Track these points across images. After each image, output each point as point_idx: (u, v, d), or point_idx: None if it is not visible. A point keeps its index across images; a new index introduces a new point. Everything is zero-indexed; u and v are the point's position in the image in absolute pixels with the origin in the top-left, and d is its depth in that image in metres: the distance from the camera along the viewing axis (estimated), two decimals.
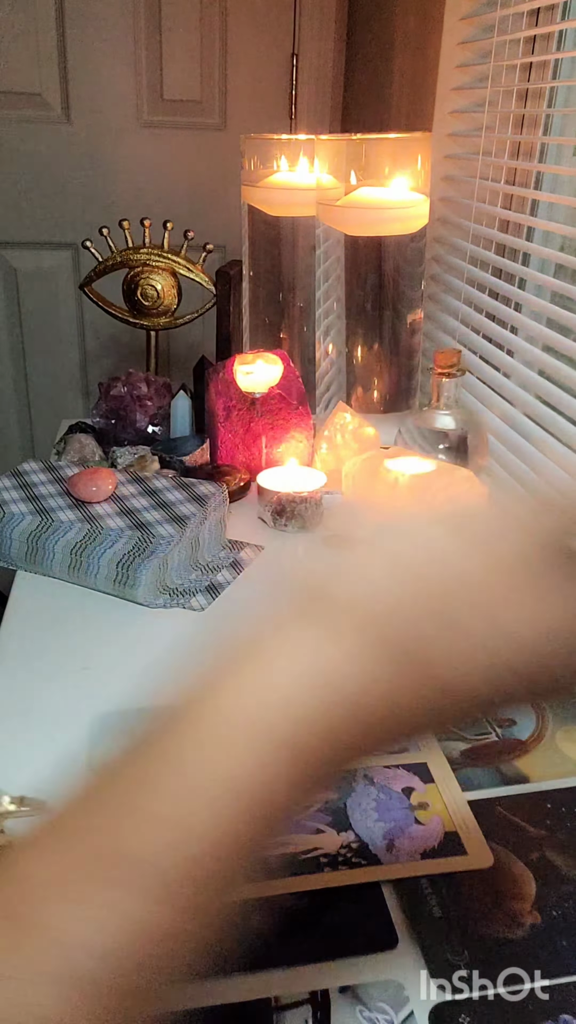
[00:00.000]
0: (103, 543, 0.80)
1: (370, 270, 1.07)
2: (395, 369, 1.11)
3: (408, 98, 1.38)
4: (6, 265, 1.80)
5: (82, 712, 0.65)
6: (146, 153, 1.76)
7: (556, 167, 1.08)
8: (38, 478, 0.92)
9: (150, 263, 1.22)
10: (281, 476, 1.00)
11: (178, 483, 0.91)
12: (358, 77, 1.68)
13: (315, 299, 1.13)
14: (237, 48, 1.72)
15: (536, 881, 0.50)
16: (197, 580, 0.84)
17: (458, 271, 1.23)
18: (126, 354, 1.87)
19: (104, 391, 1.13)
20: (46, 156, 1.72)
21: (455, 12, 1.18)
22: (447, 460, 1.00)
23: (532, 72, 1.12)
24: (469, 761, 0.60)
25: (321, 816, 0.55)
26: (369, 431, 1.04)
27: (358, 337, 1.10)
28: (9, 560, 0.85)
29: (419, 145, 1.03)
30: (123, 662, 0.71)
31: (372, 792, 0.57)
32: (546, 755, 0.61)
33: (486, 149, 1.16)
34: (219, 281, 1.25)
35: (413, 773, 0.59)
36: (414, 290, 1.09)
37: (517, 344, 1.06)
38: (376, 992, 0.44)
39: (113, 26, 1.65)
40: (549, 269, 1.10)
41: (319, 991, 0.44)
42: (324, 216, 1.07)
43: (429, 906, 0.49)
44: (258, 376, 1.05)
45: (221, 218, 1.74)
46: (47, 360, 1.89)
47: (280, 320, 1.22)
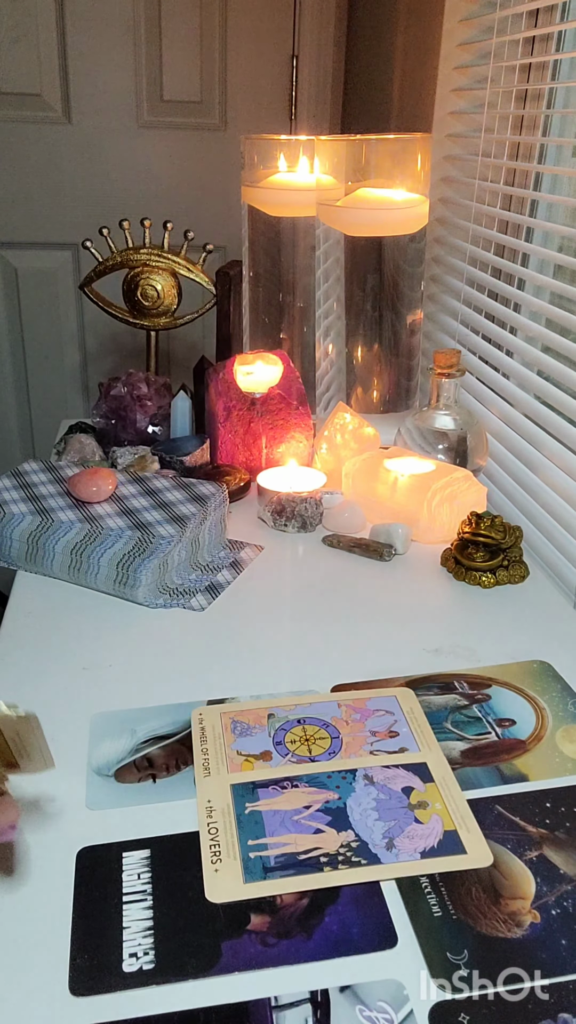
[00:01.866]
0: (103, 543, 0.80)
1: (370, 271, 1.07)
2: (395, 369, 1.12)
3: (408, 99, 1.38)
4: (6, 265, 1.80)
5: (82, 712, 0.65)
6: (146, 153, 1.76)
7: (555, 168, 1.09)
8: (38, 478, 0.92)
9: (150, 263, 1.22)
10: (281, 476, 1.00)
11: (178, 483, 0.91)
12: (358, 77, 1.68)
13: (315, 299, 1.13)
14: (237, 48, 1.72)
15: (536, 880, 0.51)
16: (197, 580, 0.84)
17: (458, 272, 1.23)
18: (126, 354, 1.87)
19: (104, 391, 1.13)
20: (46, 156, 1.72)
21: (454, 14, 1.19)
22: (446, 460, 1.00)
23: (531, 73, 1.12)
24: (469, 760, 0.60)
25: (321, 816, 0.55)
26: (369, 431, 1.04)
27: (358, 337, 1.10)
28: (9, 560, 0.85)
29: (419, 146, 1.03)
30: (123, 662, 0.71)
31: (372, 792, 0.57)
32: (546, 755, 0.61)
33: (485, 150, 1.16)
34: (219, 281, 1.25)
35: (413, 772, 0.59)
36: (414, 290, 1.09)
37: (516, 344, 1.06)
38: (376, 991, 0.44)
39: (113, 26, 1.65)
40: (548, 270, 1.11)
41: (319, 991, 0.44)
42: (324, 216, 1.07)
43: (429, 906, 0.49)
44: (258, 376, 1.05)
45: (221, 218, 1.74)
46: (47, 360, 1.89)
47: (280, 320, 1.23)
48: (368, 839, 0.53)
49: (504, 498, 1.04)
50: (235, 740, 0.62)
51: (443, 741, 0.62)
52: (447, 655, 0.73)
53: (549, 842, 0.53)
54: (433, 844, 0.53)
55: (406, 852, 0.52)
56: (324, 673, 0.70)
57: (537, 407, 0.99)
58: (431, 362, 1.02)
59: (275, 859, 0.52)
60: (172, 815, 0.55)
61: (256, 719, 0.64)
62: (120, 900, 0.49)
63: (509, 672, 0.70)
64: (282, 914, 0.48)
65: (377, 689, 0.68)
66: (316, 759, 0.60)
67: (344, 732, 0.63)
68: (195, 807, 0.56)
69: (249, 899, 0.49)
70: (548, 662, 0.72)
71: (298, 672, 0.70)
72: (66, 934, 0.47)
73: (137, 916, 0.48)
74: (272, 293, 1.21)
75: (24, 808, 0.54)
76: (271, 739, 0.62)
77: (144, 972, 0.45)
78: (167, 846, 0.53)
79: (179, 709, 0.65)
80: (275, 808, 0.56)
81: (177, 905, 0.49)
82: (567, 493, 0.91)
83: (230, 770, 0.59)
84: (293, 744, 0.61)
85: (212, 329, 1.32)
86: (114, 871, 0.51)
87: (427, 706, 0.66)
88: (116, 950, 0.46)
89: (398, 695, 0.67)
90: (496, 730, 0.64)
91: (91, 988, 0.44)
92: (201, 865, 0.51)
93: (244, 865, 0.51)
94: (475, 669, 0.71)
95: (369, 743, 0.62)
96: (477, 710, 0.66)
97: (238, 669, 0.71)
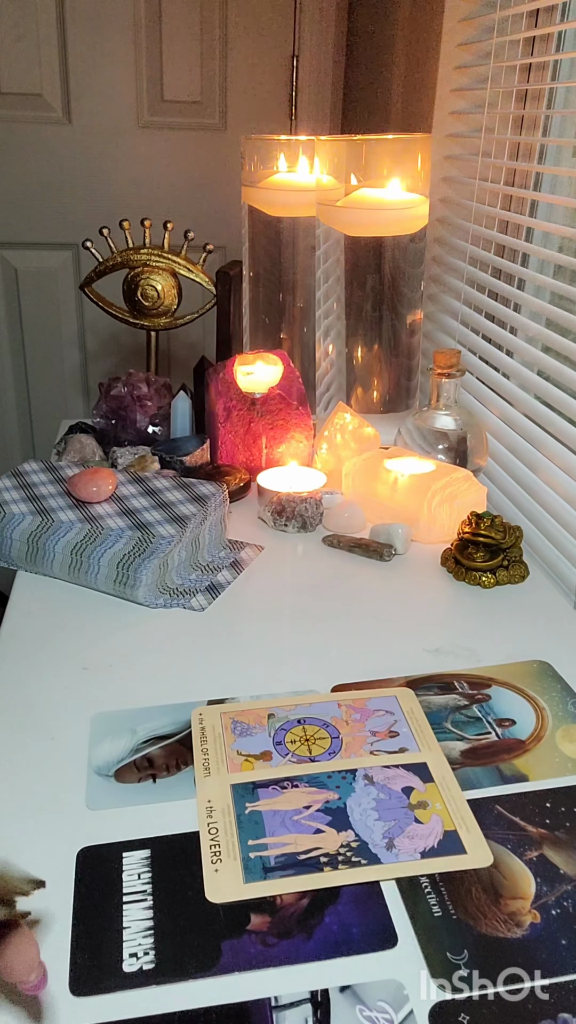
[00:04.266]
0: (103, 543, 0.80)
1: (370, 271, 1.07)
2: (395, 369, 1.12)
3: (408, 99, 1.38)
4: (6, 265, 1.80)
5: (82, 712, 0.65)
6: (146, 153, 1.76)
7: (555, 168, 1.09)
8: (38, 478, 0.92)
9: (150, 263, 1.22)
10: (281, 476, 1.00)
11: (178, 483, 0.91)
12: (358, 77, 1.68)
13: (315, 299, 1.13)
14: (237, 48, 1.72)
15: (536, 880, 0.51)
16: (197, 580, 0.84)
17: (458, 272, 1.23)
18: (126, 354, 1.87)
19: (104, 391, 1.13)
20: (46, 156, 1.72)
21: (455, 13, 1.19)
22: (446, 460, 1.00)
23: (531, 73, 1.12)
24: (469, 760, 0.60)
25: (321, 816, 0.55)
26: (369, 431, 1.04)
27: (358, 337, 1.10)
28: (9, 560, 0.85)
29: (419, 146, 1.03)
30: (123, 662, 0.71)
31: (372, 792, 0.57)
32: (546, 755, 0.61)
33: (485, 150, 1.16)
34: (219, 281, 1.25)
35: (413, 772, 0.59)
36: (414, 291, 1.09)
37: (516, 344, 1.06)
38: (376, 991, 0.44)
39: (113, 26, 1.66)
40: (548, 270, 1.11)
41: (319, 991, 0.44)
42: (324, 216, 1.07)
43: (429, 905, 0.49)
44: (258, 376, 1.05)
45: (221, 218, 1.74)
46: (47, 360, 1.89)
47: (280, 320, 1.23)
48: (368, 839, 0.53)
49: (504, 498, 1.04)
50: (235, 740, 0.62)
51: (443, 741, 0.62)
52: (447, 655, 0.73)
53: (549, 842, 0.53)
54: (433, 844, 0.53)
55: (406, 852, 0.52)
56: (324, 673, 0.70)
57: (537, 407, 0.99)
58: (431, 362, 1.02)
59: (275, 859, 0.52)
60: (172, 815, 0.55)
61: (256, 719, 0.64)
62: (120, 900, 0.49)
63: (509, 672, 0.71)
64: (282, 914, 0.48)
65: (377, 689, 0.68)
66: (316, 759, 0.60)
67: (344, 732, 0.63)
68: (195, 807, 0.56)
69: (249, 899, 0.49)
70: (548, 662, 0.72)
71: (298, 672, 0.70)
72: (66, 934, 0.47)
73: (137, 916, 0.48)
74: (272, 293, 1.21)
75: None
76: (271, 739, 0.62)
77: (144, 972, 0.45)
78: (167, 846, 0.53)
79: (179, 709, 0.65)
80: (275, 808, 0.56)
81: (177, 905, 0.49)
82: (567, 493, 0.91)
83: (230, 770, 0.59)
84: (293, 744, 0.62)
85: (212, 329, 1.32)
86: (114, 871, 0.51)
87: (427, 706, 0.66)
88: (116, 950, 0.46)
89: (398, 695, 0.67)
90: (496, 730, 0.64)
91: (91, 988, 0.44)
92: (201, 865, 0.51)
93: (244, 865, 0.51)
94: (475, 669, 0.71)
95: (369, 743, 0.62)
96: (477, 710, 0.66)
97: (238, 669, 0.71)
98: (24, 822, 0.54)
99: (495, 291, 1.13)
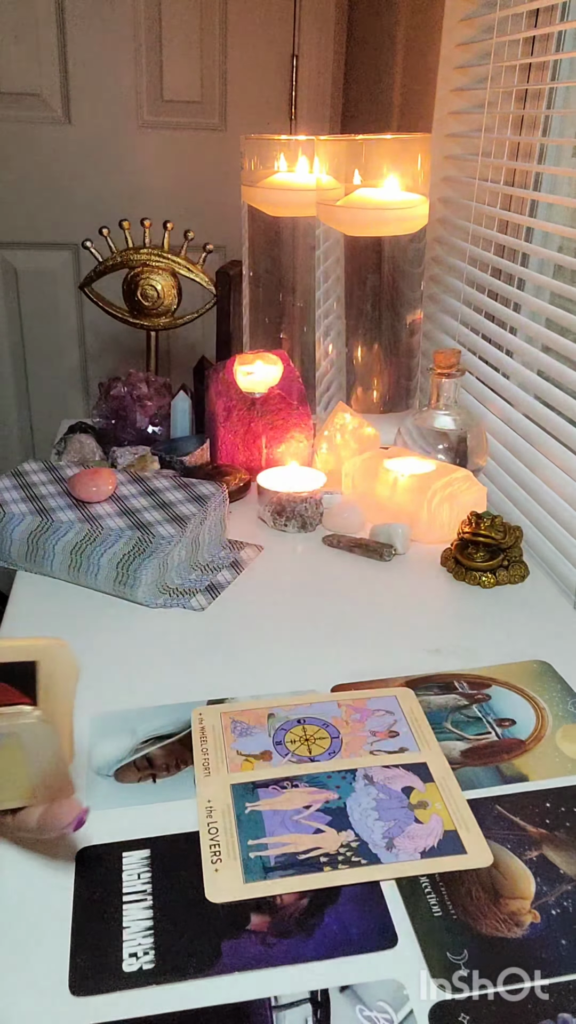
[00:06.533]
0: (103, 543, 0.80)
1: (370, 270, 1.07)
2: (395, 369, 1.12)
3: (408, 99, 1.38)
4: (6, 265, 1.80)
5: (82, 712, 0.65)
6: (146, 153, 1.76)
7: (555, 168, 1.09)
8: (38, 478, 0.92)
9: (150, 263, 1.22)
10: (281, 476, 1.00)
11: (178, 483, 0.91)
12: (358, 77, 1.68)
13: (315, 299, 1.13)
14: (237, 48, 1.72)
15: (535, 880, 0.51)
16: (197, 580, 0.84)
17: (457, 272, 1.23)
18: (126, 354, 1.87)
19: (104, 391, 1.13)
20: (46, 156, 1.72)
21: (454, 13, 1.19)
22: (446, 460, 1.00)
23: (531, 73, 1.12)
24: (469, 760, 0.60)
25: (321, 816, 0.55)
26: (369, 431, 1.04)
27: (358, 337, 1.10)
28: (9, 560, 0.85)
29: (419, 146, 1.03)
30: (123, 662, 0.71)
31: (372, 791, 0.57)
32: (546, 754, 0.61)
33: (485, 150, 1.16)
34: (219, 281, 1.25)
35: (413, 772, 0.59)
36: (414, 290, 1.09)
37: (516, 344, 1.06)
38: (376, 991, 0.44)
39: (113, 26, 1.65)
40: (548, 270, 1.10)
41: (319, 991, 0.44)
42: (324, 216, 1.07)
43: (429, 905, 0.49)
44: (258, 376, 1.05)
45: (221, 218, 1.74)
46: (47, 360, 1.89)
47: (280, 320, 1.23)
48: (368, 839, 0.53)
49: (504, 498, 1.04)
50: (235, 740, 0.62)
51: (443, 741, 0.62)
52: (447, 655, 0.73)
53: (549, 842, 0.53)
54: (433, 844, 0.53)
55: (406, 852, 0.52)
56: (324, 673, 0.70)
57: (537, 407, 0.99)
58: (431, 362, 1.02)
59: (275, 859, 0.52)
60: (172, 815, 0.55)
61: (256, 719, 0.64)
62: (120, 900, 0.49)
63: (509, 672, 0.71)
64: (282, 914, 0.48)
65: (377, 689, 0.68)
66: (316, 759, 0.60)
67: (344, 732, 0.63)
68: (195, 807, 0.56)
69: (249, 899, 0.49)
70: (548, 662, 0.72)
71: (298, 672, 0.70)
72: (66, 934, 0.47)
73: (137, 916, 0.48)
74: (272, 293, 1.21)
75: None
76: (271, 739, 0.62)
77: (144, 972, 0.45)
78: (167, 846, 0.53)
79: (179, 709, 0.65)
80: (275, 808, 0.56)
81: (177, 905, 0.49)
82: (567, 493, 0.91)
83: (230, 770, 0.59)
84: (293, 744, 0.62)
85: (212, 329, 1.32)
86: (114, 871, 0.51)
87: (427, 706, 0.66)
88: (116, 950, 0.46)
89: (398, 695, 0.67)
90: (496, 730, 0.64)
91: (91, 988, 0.44)
92: (201, 865, 0.51)
93: (244, 865, 0.51)
94: (475, 669, 0.71)
95: (369, 743, 0.62)
96: (477, 710, 0.66)
97: (238, 669, 0.71)
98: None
99: (495, 291, 1.12)
